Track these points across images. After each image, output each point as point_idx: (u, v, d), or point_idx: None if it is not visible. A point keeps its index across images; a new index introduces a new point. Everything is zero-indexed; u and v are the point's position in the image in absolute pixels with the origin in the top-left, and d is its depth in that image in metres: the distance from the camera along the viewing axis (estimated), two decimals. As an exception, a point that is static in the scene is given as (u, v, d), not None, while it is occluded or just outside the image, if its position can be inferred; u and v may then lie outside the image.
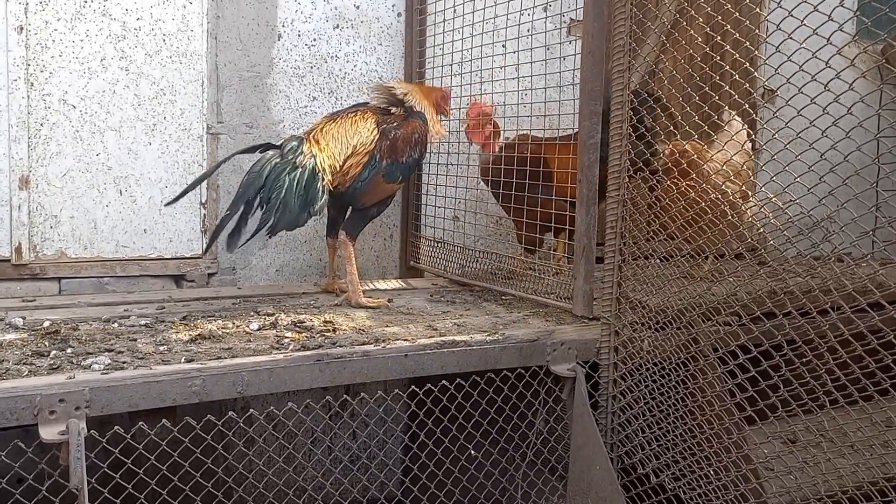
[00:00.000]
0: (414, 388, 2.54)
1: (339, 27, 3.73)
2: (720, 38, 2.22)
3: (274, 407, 2.32)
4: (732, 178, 2.69)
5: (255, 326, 2.56)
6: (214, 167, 2.90)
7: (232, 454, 2.64)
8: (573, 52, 3.59)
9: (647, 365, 2.50)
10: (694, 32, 2.50)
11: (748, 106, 2.18)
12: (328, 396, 3.59)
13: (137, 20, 3.28)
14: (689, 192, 2.48)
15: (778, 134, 2.10)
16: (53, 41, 3.14)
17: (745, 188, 2.65)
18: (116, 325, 2.56)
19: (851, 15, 1.98)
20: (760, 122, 2.39)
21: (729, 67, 2.26)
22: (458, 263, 3.56)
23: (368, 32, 3.80)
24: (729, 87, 2.25)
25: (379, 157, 2.93)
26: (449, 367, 2.41)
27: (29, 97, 3.11)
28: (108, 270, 3.32)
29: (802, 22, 1.92)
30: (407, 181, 3.16)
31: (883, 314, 1.91)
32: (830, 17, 1.87)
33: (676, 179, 2.57)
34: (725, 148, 2.81)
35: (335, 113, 3.07)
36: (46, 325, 2.49)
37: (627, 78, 2.53)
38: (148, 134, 3.35)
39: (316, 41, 3.69)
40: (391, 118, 3.03)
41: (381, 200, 3.04)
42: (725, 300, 2.47)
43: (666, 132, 2.75)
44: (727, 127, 3.01)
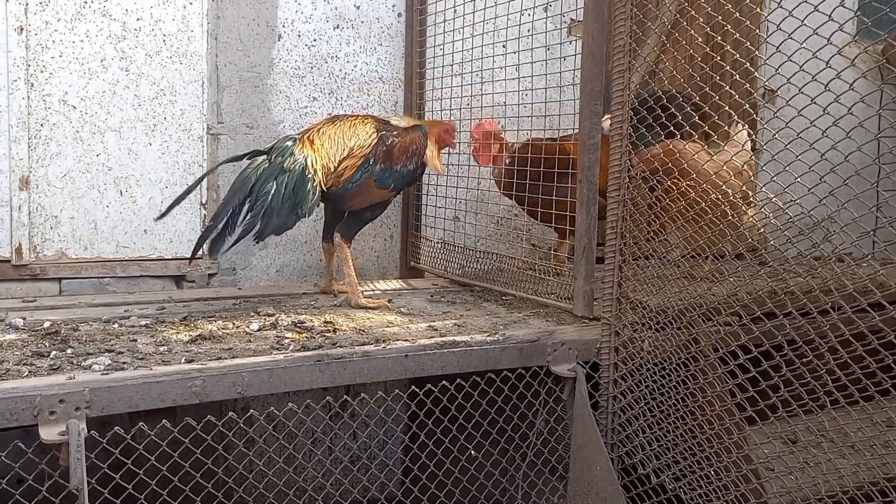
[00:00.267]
0: (414, 388, 2.54)
1: (339, 27, 3.73)
2: (720, 38, 2.22)
3: (274, 407, 2.32)
4: (732, 178, 2.68)
5: (255, 327, 2.56)
6: (199, 179, 2.87)
7: (232, 455, 2.64)
8: (573, 52, 3.59)
9: (647, 365, 2.50)
10: (694, 32, 2.49)
11: (749, 106, 2.17)
12: (328, 397, 3.59)
13: (137, 21, 3.29)
14: (687, 193, 2.48)
15: (778, 134, 2.10)
16: (53, 42, 3.15)
17: (745, 189, 2.64)
18: (117, 325, 2.56)
19: (852, 15, 1.98)
20: (761, 122, 2.38)
21: (729, 67, 2.25)
22: (458, 264, 3.56)
23: (369, 33, 3.80)
24: (729, 87, 2.25)
25: (373, 161, 2.92)
26: (449, 367, 2.41)
27: (29, 98, 3.11)
28: (108, 271, 3.32)
29: (803, 22, 1.92)
30: (401, 191, 3.13)
31: (883, 314, 1.91)
32: (831, 17, 1.87)
33: (676, 180, 2.57)
34: (726, 149, 2.80)
35: (336, 116, 3.08)
36: (47, 325, 2.49)
37: (628, 78, 2.53)
38: (148, 134, 3.35)
39: (316, 41, 3.69)
40: (391, 127, 3.04)
41: (372, 205, 3.03)
42: (726, 300, 2.46)
43: (700, 132, 2.75)
44: (735, 136, 3.00)
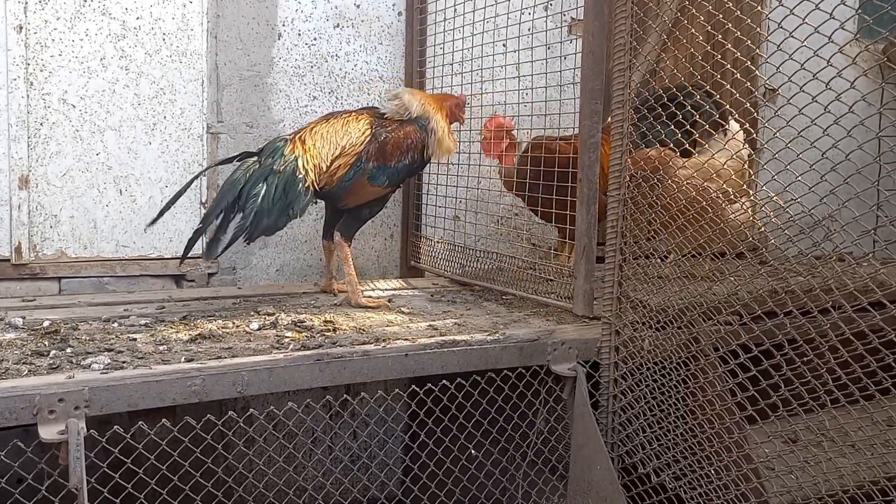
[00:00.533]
0: (414, 387, 2.54)
1: (339, 26, 3.73)
2: (721, 36, 2.21)
3: (274, 406, 2.32)
4: (714, 178, 2.67)
5: (255, 326, 2.56)
6: (188, 184, 2.87)
7: (232, 454, 2.64)
8: (574, 51, 3.59)
9: (647, 364, 2.49)
10: (695, 31, 2.49)
11: (749, 105, 2.17)
12: (328, 396, 3.58)
13: (137, 19, 3.28)
14: (660, 199, 2.48)
15: (779, 133, 2.10)
16: (53, 40, 3.14)
17: (728, 188, 2.64)
18: (116, 324, 2.56)
19: (853, 13, 1.98)
20: (762, 121, 2.38)
21: (730, 66, 2.25)
22: (458, 263, 3.56)
23: (369, 31, 3.80)
24: (730, 85, 2.24)
25: (365, 158, 2.89)
26: (449, 366, 2.41)
27: (28, 96, 3.11)
28: (108, 270, 3.32)
29: (804, 20, 1.92)
30: (397, 186, 3.08)
31: (884, 313, 1.90)
32: (832, 15, 1.86)
33: (651, 188, 2.56)
34: (716, 139, 2.80)
35: (331, 113, 3.07)
36: (46, 324, 2.49)
37: (628, 77, 2.53)
38: (148, 133, 3.35)
39: (316, 40, 3.68)
40: (386, 122, 2.99)
41: (369, 202, 3.00)
42: (726, 299, 2.46)
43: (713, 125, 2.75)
44: (728, 130, 3.00)
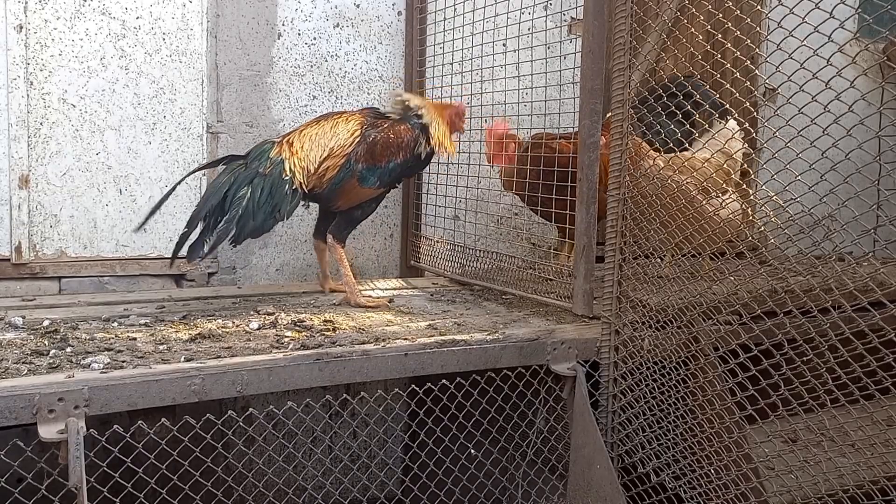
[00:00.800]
0: (414, 387, 2.54)
1: (339, 26, 3.73)
2: (721, 35, 2.21)
3: (274, 406, 2.31)
4: (687, 171, 2.67)
5: (254, 325, 2.55)
6: (172, 188, 2.83)
7: (232, 453, 2.64)
8: (573, 50, 3.58)
9: (647, 364, 2.49)
10: (695, 30, 2.49)
11: (749, 104, 2.17)
12: (328, 395, 3.57)
13: (137, 19, 3.28)
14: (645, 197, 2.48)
15: (779, 132, 2.10)
16: (53, 40, 3.14)
17: (706, 183, 2.65)
18: (116, 324, 2.56)
19: (853, 12, 1.98)
20: (761, 120, 2.38)
21: (730, 65, 2.25)
22: (458, 263, 3.56)
23: (369, 31, 3.80)
24: (730, 85, 2.24)
25: (354, 160, 2.87)
26: (449, 366, 2.41)
27: (28, 96, 3.11)
28: (107, 269, 3.32)
29: (804, 20, 1.92)
30: (391, 186, 3.05)
31: (884, 312, 1.90)
32: (832, 14, 1.86)
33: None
34: (699, 140, 2.80)
35: (324, 115, 3.05)
36: (46, 324, 2.49)
37: (628, 76, 2.53)
38: (148, 133, 3.35)
39: (316, 40, 3.68)
40: (378, 122, 2.96)
41: (361, 204, 2.97)
42: (726, 299, 2.46)
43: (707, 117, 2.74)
44: (720, 127, 3.01)
